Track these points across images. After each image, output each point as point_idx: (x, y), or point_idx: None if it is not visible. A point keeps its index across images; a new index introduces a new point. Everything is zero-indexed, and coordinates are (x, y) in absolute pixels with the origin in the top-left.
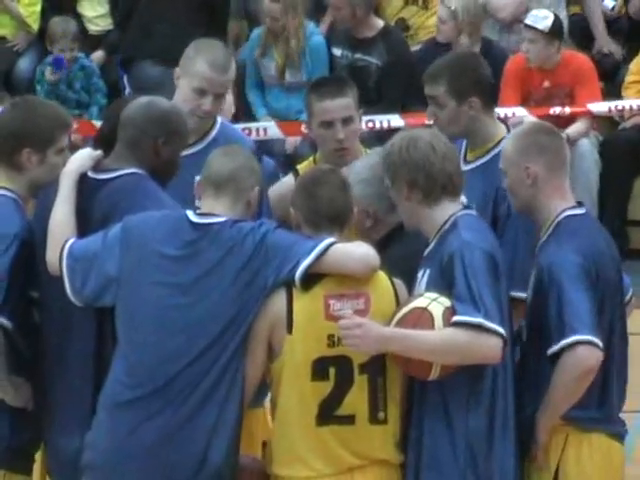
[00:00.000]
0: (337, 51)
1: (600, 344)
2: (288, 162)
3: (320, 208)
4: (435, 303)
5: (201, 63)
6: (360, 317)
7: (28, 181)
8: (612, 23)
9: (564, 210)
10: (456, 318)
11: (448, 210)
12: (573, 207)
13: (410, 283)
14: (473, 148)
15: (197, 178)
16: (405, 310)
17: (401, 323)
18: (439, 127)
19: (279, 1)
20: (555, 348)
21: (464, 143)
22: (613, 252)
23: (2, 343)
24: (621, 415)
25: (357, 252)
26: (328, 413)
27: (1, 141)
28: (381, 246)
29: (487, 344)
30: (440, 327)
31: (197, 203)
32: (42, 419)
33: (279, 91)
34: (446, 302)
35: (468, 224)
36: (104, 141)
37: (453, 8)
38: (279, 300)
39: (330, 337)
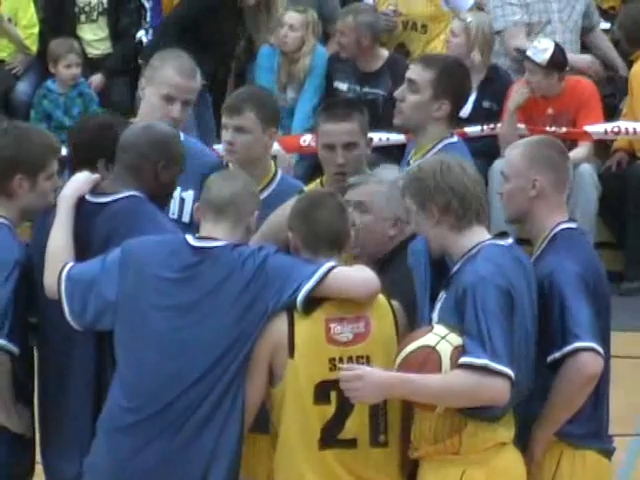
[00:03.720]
0: (342, 85)
1: (602, 352)
2: None
3: (319, 231)
4: (444, 342)
5: (168, 70)
6: (360, 366)
7: (19, 208)
8: (616, 42)
9: (559, 223)
10: (462, 360)
11: (476, 236)
12: (567, 221)
13: (411, 303)
14: (418, 147)
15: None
16: (413, 347)
17: (408, 362)
18: (400, 109)
19: (302, 12)
20: (557, 355)
21: (412, 151)
22: (604, 270)
23: (9, 370)
24: (619, 438)
25: (358, 276)
26: (331, 437)
27: None
28: (382, 266)
29: (492, 387)
30: (447, 368)
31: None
32: (42, 444)
33: (285, 116)
34: (455, 340)
35: (489, 256)
36: (83, 161)
37: (469, 21)
38: (280, 324)
39: (331, 361)
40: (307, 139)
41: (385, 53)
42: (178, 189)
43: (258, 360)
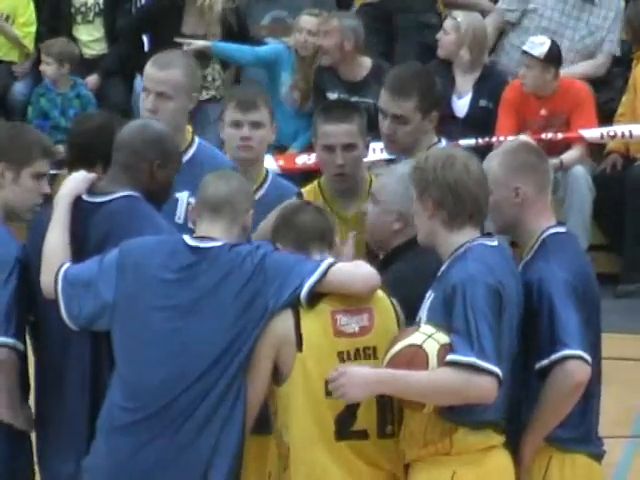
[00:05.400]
0: (333, 95)
1: (589, 359)
2: None
3: (305, 229)
4: (430, 340)
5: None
6: (350, 366)
7: (2, 200)
8: None
9: (548, 228)
10: (449, 357)
11: (466, 236)
12: (556, 225)
13: (409, 305)
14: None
15: (177, 195)
16: (400, 346)
17: (395, 360)
18: (393, 140)
19: (318, 16)
20: (544, 362)
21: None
22: (594, 272)
23: (18, 368)
24: (613, 440)
25: (358, 272)
26: (345, 428)
27: None
28: (384, 264)
29: (479, 385)
30: (434, 366)
31: (190, 225)
32: (38, 443)
33: (293, 115)
34: (442, 338)
35: (478, 255)
36: (80, 162)
37: (459, 20)
38: (285, 320)
39: (340, 353)
40: (303, 158)
41: (368, 61)
42: (186, 193)
43: (261, 358)
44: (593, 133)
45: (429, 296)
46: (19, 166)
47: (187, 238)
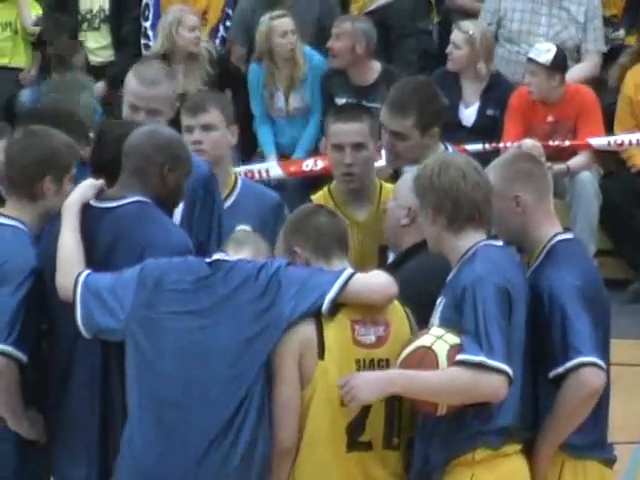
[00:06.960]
0: (341, 100)
1: (604, 366)
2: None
3: (326, 231)
4: (440, 341)
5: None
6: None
7: (42, 210)
8: (616, 50)
9: (556, 235)
10: (459, 357)
11: (471, 239)
12: (563, 232)
13: (419, 303)
14: None
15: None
16: (410, 348)
17: (405, 362)
18: (394, 156)
19: (287, 15)
20: (560, 370)
21: None
22: (601, 278)
23: (17, 377)
24: (620, 446)
25: (376, 282)
26: (353, 439)
27: (21, 171)
28: (396, 266)
29: (489, 383)
30: (444, 367)
31: None
32: (50, 449)
33: (285, 124)
34: (452, 339)
35: (486, 255)
36: (104, 168)
37: (471, 33)
38: (308, 327)
39: (358, 362)
40: (309, 164)
41: (378, 66)
42: None
43: (285, 365)
44: (600, 141)
45: (440, 302)
46: (62, 176)
47: (207, 259)
